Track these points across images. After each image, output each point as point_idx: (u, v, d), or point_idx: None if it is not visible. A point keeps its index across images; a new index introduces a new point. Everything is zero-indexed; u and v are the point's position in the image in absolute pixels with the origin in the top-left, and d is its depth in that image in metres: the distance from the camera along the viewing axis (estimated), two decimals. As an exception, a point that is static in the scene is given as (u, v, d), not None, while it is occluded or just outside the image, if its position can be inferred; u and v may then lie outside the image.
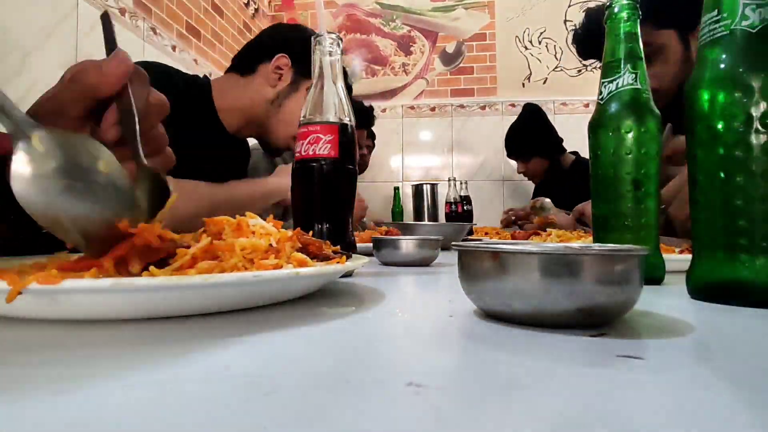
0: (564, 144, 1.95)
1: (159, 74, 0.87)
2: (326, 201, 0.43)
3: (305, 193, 0.43)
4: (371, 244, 0.66)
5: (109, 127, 0.34)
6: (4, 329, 0.25)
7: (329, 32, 0.47)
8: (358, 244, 0.81)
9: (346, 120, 0.44)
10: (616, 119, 0.44)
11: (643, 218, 0.43)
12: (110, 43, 0.38)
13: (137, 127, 0.33)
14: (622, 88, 0.44)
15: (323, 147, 0.42)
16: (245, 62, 1.01)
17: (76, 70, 0.35)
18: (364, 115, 1.74)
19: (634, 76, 0.44)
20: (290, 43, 0.99)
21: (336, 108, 0.45)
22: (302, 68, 0.99)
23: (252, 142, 1.47)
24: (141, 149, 0.32)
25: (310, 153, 0.42)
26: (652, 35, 0.99)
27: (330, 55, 0.46)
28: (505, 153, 2.04)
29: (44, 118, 0.33)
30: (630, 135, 0.43)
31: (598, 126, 0.45)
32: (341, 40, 0.47)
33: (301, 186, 0.44)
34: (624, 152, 0.44)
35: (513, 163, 2.07)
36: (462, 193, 2.01)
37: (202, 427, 0.13)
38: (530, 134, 1.92)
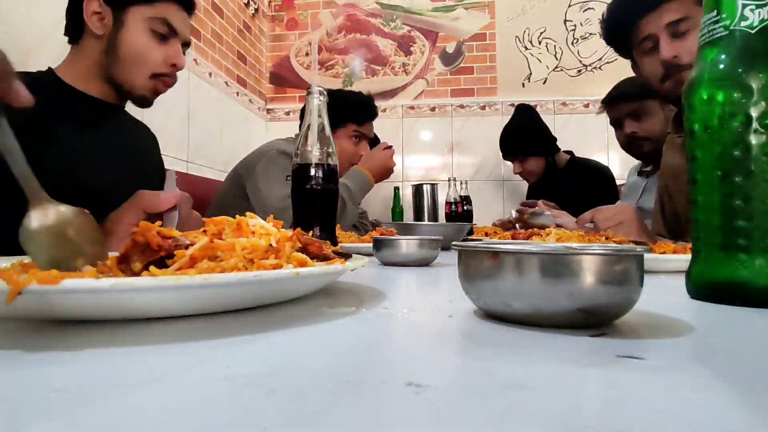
0: (558, 143, 1.94)
1: None
2: (315, 209, 0.61)
3: (300, 203, 0.61)
4: (371, 244, 0.66)
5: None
6: (4, 329, 0.25)
7: (317, 86, 0.62)
8: (358, 245, 0.82)
9: (328, 156, 0.61)
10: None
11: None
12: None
13: (176, 223, 0.58)
14: None
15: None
16: (70, 29, 0.93)
17: (140, 200, 0.60)
18: (367, 107, 1.69)
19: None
20: None
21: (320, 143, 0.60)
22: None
23: (265, 143, 1.47)
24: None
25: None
26: (694, 9, 0.93)
27: (317, 101, 0.61)
28: (501, 154, 2.03)
29: (113, 228, 0.58)
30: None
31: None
32: (325, 92, 0.62)
33: (297, 201, 0.61)
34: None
35: (509, 163, 2.07)
36: (462, 193, 2.01)
37: (202, 427, 0.13)
38: (525, 133, 1.91)
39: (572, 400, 0.15)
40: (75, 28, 0.92)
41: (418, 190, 2.09)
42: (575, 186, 1.78)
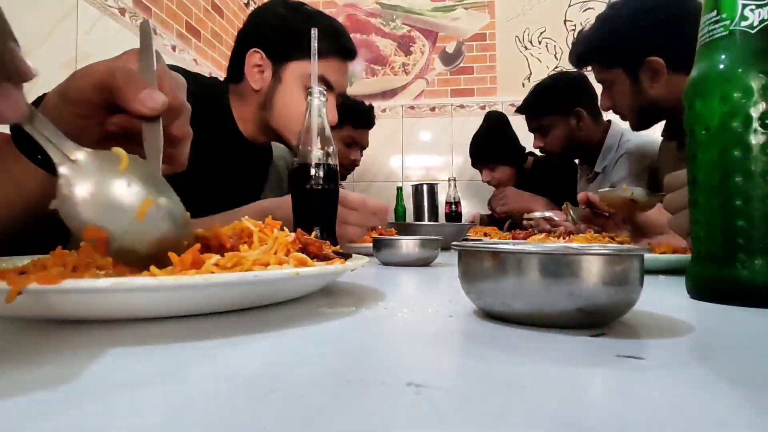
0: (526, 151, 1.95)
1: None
2: (315, 209, 0.61)
3: (300, 203, 0.61)
4: (371, 244, 0.66)
5: (115, 123, 0.39)
6: (4, 329, 0.25)
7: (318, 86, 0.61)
8: (358, 245, 0.82)
9: (328, 156, 0.61)
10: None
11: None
12: (146, 56, 0.39)
13: (161, 150, 0.35)
14: None
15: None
16: (232, 70, 0.95)
17: (117, 78, 0.36)
18: (366, 116, 1.74)
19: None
20: (258, 32, 0.92)
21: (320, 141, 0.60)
22: (277, 53, 0.91)
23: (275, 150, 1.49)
24: (160, 168, 0.34)
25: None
26: (602, 72, 1.15)
27: (318, 101, 0.61)
28: (470, 162, 2.02)
29: (70, 93, 0.37)
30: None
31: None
32: (326, 92, 0.62)
33: (296, 199, 0.61)
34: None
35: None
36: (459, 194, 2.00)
37: (202, 427, 0.13)
38: (495, 142, 1.90)
39: (572, 400, 0.15)
40: (236, 74, 0.93)
41: (418, 190, 2.08)
42: (541, 187, 1.78)
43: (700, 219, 0.35)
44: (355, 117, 1.67)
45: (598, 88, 1.22)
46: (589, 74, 1.31)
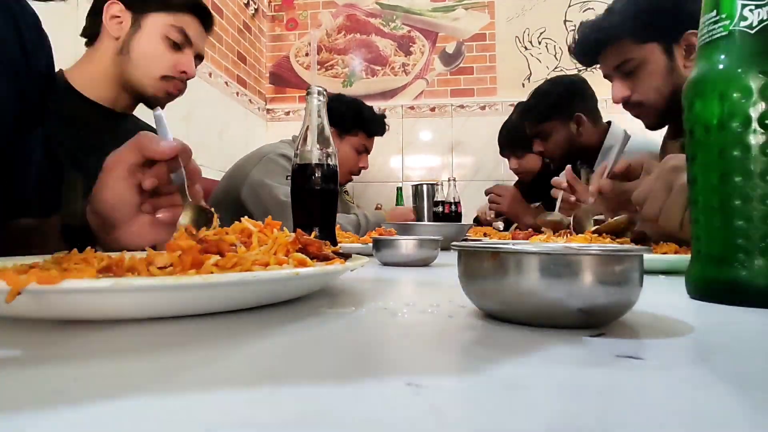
0: None
1: None
2: (315, 210, 0.61)
3: (300, 203, 0.61)
4: (371, 244, 0.66)
5: (150, 177, 0.52)
6: (4, 329, 0.25)
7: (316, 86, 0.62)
8: (358, 245, 0.82)
9: (327, 156, 0.60)
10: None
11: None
12: (162, 131, 0.56)
13: (185, 181, 0.52)
14: None
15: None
16: (88, 30, 0.96)
17: (141, 140, 0.51)
18: (381, 125, 1.74)
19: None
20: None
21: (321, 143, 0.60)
22: (138, 4, 0.93)
23: (266, 146, 1.50)
24: (188, 193, 0.52)
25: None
26: (633, 50, 1.01)
27: (317, 101, 0.61)
28: (498, 150, 2.04)
29: (111, 165, 0.51)
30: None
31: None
32: (325, 92, 0.62)
33: (296, 199, 0.61)
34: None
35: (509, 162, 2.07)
36: (452, 195, 2.00)
37: (202, 427, 0.13)
38: (526, 130, 1.92)
39: (572, 400, 0.16)
40: (93, 31, 0.94)
41: (417, 190, 2.08)
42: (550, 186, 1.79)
43: (699, 219, 0.35)
44: (369, 126, 1.67)
45: (601, 86, 1.17)
46: (587, 75, 1.31)
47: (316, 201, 0.59)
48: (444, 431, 0.13)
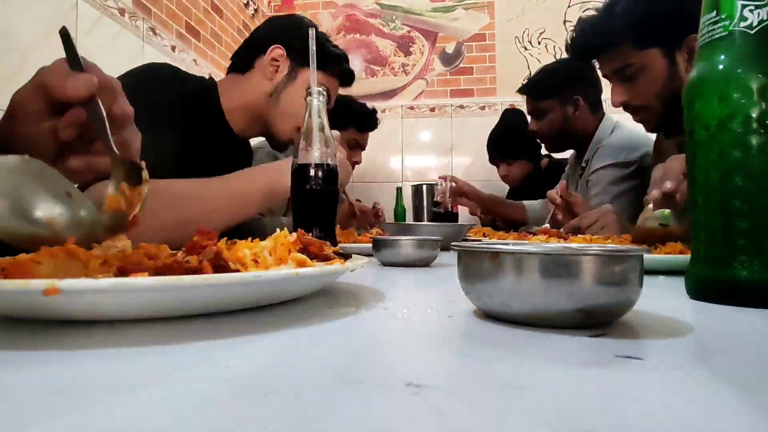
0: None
1: (167, 77, 0.90)
2: (315, 210, 0.61)
3: (300, 203, 0.61)
4: (371, 244, 0.66)
5: (65, 127, 0.40)
6: (4, 329, 0.25)
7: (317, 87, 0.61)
8: (358, 245, 0.82)
9: (328, 156, 0.60)
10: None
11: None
12: (71, 56, 0.42)
13: (107, 127, 0.39)
14: None
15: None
16: (243, 60, 1.01)
17: (45, 77, 0.40)
18: (370, 119, 1.75)
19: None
20: (285, 34, 1.00)
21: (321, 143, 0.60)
22: (298, 58, 1.00)
23: (256, 141, 1.51)
24: (113, 144, 0.38)
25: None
26: (633, 56, 0.99)
27: (317, 101, 0.61)
28: (488, 158, 2.04)
29: (15, 110, 0.40)
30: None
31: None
32: (325, 92, 0.62)
33: (296, 200, 0.60)
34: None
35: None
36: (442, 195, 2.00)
37: (201, 427, 0.13)
38: (514, 138, 1.91)
39: (572, 401, 0.16)
40: (245, 63, 0.99)
41: (417, 190, 2.08)
42: (551, 188, 1.79)
43: (699, 219, 0.35)
44: (359, 121, 1.69)
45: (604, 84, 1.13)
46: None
47: (316, 201, 0.59)
48: (444, 431, 0.13)
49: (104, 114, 0.39)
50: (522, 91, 1.60)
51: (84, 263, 0.26)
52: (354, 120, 1.67)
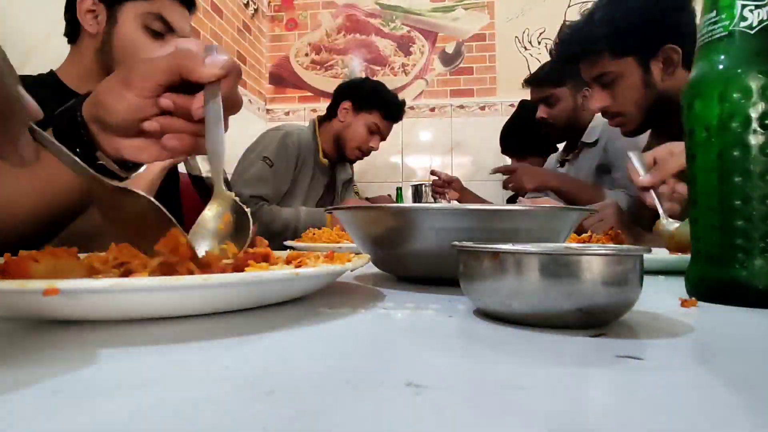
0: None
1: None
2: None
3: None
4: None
5: (198, 108, 0.41)
6: (3, 329, 0.25)
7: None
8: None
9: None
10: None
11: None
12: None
13: (221, 116, 0.40)
14: None
15: None
16: (67, 27, 0.94)
17: (181, 48, 0.41)
18: (398, 110, 1.74)
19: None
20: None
21: None
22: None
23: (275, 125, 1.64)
24: (223, 130, 0.41)
25: None
26: (610, 64, 1.02)
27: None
28: (500, 149, 2.05)
29: (132, 78, 0.41)
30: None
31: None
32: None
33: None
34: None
35: (489, 152, 2.09)
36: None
37: (202, 427, 0.13)
38: (529, 131, 1.92)
39: (572, 401, 0.16)
40: (73, 28, 0.92)
41: (417, 190, 2.09)
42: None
43: (699, 219, 0.35)
44: (387, 108, 1.68)
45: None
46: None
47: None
48: (444, 431, 0.13)
49: (221, 103, 0.41)
50: (535, 79, 1.59)
51: (84, 263, 0.26)
52: (380, 104, 1.67)
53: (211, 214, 0.37)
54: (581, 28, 1.07)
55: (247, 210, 0.38)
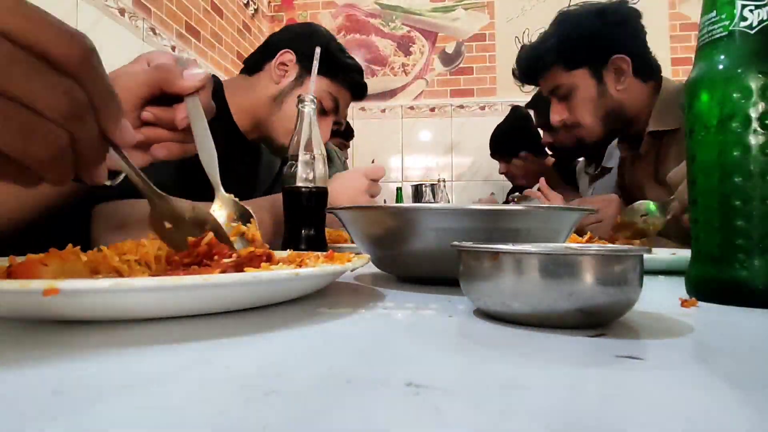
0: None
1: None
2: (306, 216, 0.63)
3: (291, 207, 0.62)
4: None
5: (182, 118, 0.43)
6: (4, 329, 0.25)
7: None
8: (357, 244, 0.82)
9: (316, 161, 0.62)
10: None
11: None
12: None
13: (205, 120, 0.43)
14: None
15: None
16: (253, 62, 1.00)
17: (159, 64, 0.43)
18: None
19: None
20: (296, 40, 1.00)
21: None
22: (307, 64, 0.99)
23: None
24: (209, 134, 0.43)
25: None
26: (563, 77, 1.06)
27: (310, 108, 0.62)
28: (489, 152, 2.04)
29: (116, 88, 0.41)
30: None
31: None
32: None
33: (289, 205, 0.62)
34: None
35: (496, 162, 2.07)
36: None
37: (202, 427, 0.13)
38: (518, 136, 1.91)
39: (572, 401, 0.16)
40: (256, 64, 0.98)
41: (417, 190, 2.08)
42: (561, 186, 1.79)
43: (699, 219, 0.35)
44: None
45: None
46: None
47: (303, 203, 0.61)
48: (444, 431, 0.13)
49: (202, 109, 0.43)
50: (533, 105, 1.61)
51: (91, 266, 0.27)
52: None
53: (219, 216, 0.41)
54: (536, 47, 1.12)
55: (248, 208, 0.39)
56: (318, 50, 0.66)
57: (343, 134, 1.82)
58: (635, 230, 0.71)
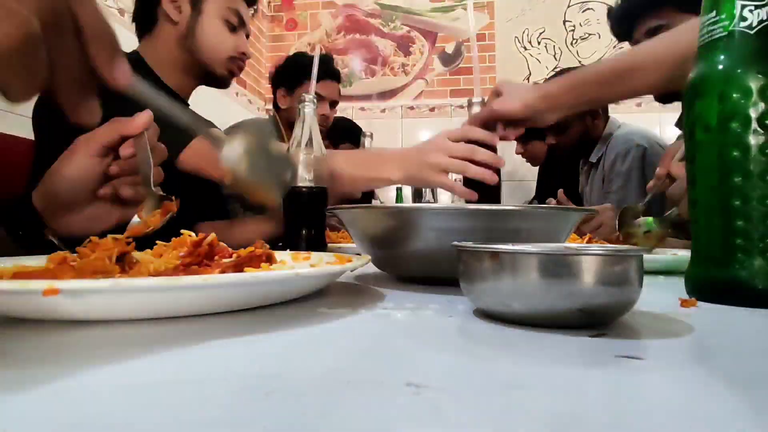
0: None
1: None
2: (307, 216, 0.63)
3: (291, 206, 0.63)
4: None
5: (128, 148, 0.48)
6: (4, 329, 0.25)
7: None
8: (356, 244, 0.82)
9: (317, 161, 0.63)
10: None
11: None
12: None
13: (151, 163, 0.46)
14: None
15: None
16: (144, 18, 0.96)
17: (118, 119, 0.48)
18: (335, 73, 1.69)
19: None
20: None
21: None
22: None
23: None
24: (152, 178, 0.46)
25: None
26: (675, 19, 0.98)
27: (310, 108, 0.63)
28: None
29: (78, 147, 0.48)
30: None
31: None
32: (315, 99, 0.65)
33: (288, 204, 0.63)
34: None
35: (517, 158, 2.06)
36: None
37: (202, 427, 0.13)
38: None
39: (572, 400, 0.16)
40: (147, 16, 0.95)
41: (417, 190, 2.08)
42: (554, 174, 1.80)
43: (699, 219, 0.35)
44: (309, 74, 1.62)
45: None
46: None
47: (307, 204, 0.61)
48: (444, 431, 0.13)
49: (148, 149, 0.47)
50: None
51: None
52: (307, 75, 1.58)
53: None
54: None
55: (173, 198, 0.44)
56: (318, 49, 0.66)
57: (333, 133, 1.74)
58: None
